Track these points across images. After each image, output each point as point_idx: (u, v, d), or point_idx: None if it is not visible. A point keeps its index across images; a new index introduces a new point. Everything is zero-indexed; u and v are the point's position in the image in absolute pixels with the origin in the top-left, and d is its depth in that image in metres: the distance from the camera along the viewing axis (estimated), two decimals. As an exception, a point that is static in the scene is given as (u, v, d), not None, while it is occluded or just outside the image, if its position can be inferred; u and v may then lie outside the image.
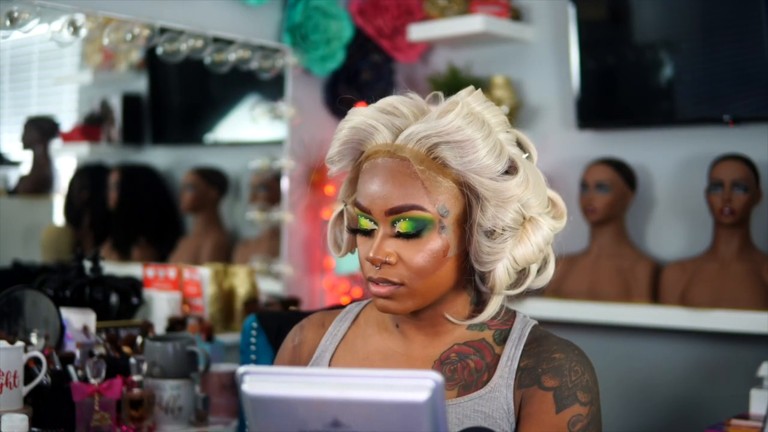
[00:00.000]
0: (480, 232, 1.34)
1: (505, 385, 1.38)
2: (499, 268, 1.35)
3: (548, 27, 3.05)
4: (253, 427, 1.03)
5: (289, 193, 3.05)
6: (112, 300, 2.42)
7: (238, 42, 2.87)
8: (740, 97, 2.68)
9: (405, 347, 1.43)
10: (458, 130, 1.30)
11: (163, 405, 2.12)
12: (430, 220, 1.32)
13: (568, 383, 1.37)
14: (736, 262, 2.60)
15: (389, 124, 1.36)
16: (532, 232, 1.37)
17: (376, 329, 1.47)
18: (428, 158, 1.32)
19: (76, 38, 2.52)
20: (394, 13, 3.18)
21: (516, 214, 1.35)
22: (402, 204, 1.32)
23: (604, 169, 2.77)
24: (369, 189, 1.34)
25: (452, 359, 1.41)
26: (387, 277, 1.34)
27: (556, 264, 1.47)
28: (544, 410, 1.36)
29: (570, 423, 1.35)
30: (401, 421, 0.97)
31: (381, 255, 1.33)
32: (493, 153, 1.32)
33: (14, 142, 2.94)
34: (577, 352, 1.41)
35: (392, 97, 1.39)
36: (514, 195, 1.33)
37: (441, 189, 1.33)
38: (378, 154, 1.35)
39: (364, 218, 1.36)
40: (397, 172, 1.33)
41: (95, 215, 3.14)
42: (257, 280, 2.93)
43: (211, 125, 3.39)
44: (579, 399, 1.37)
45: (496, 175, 1.33)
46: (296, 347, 1.53)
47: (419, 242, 1.33)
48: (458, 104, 1.33)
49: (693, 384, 2.74)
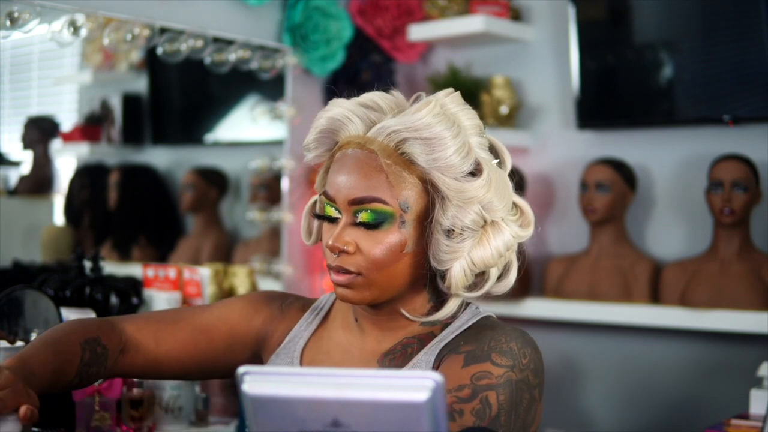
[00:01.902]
0: (439, 230, 1.35)
1: (425, 361, 1.38)
2: (456, 268, 1.36)
3: (548, 27, 3.06)
4: (253, 427, 1.03)
5: (289, 193, 3.05)
6: (112, 300, 2.42)
7: (238, 42, 2.87)
8: (740, 97, 2.68)
9: (361, 342, 1.45)
10: (427, 126, 1.33)
11: (163, 405, 2.12)
12: (390, 214, 1.35)
13: (484, 347, 1.32)
14: (736, 262, 2.60)
15: (365, 116, 1.39)
16: (492, 236, 1.37)
17: (340, 323, 1.50)
18: (396, 153, 1.35)
19: (76, 38, 2.52)
20: (394, 13, 3.18)
21: (476, 216, 1.35)
22: (364, 195, 1.35)
23: (604, 169, 2.77)
24: (336, 178, 1.38)
25: (396, 350, 1.42)
26: (344, 265, 1.36)
27: (519, 269, 1.45)
28: (449, 367, 1.31)
29: (474, 376, 1.28)
30: (401, 421, 0.97)
31: (339, 243, 1.35)
32: (460, 153, 1.34)
33: (14, 142, 2.94)
34: (515, 332, 1.34)
35: (374, 93, 1.42)
36: (476, 196, 1.34)
37: (405, 184, 1.35)
38: (349, 145, 1.38)
39: (329, 206, 1.39)
40: (364, 163, 1.35)
41: (95, 215, 3.14)
42: (257, 280, 2.93)
43: (211, 125, 3.39)
44: (492, 359, 1.29)
45: (460, 176, 1.35)
46: (282, 309, 1.56)
47: (378, 234, 1.35)
48: (431, 102, 1.35)
49: (693, 384, 2.74)
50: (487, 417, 1.26)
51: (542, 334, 2.84)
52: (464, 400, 1.27)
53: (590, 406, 2.93)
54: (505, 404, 1.27)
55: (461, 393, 1.27)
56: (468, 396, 1.27)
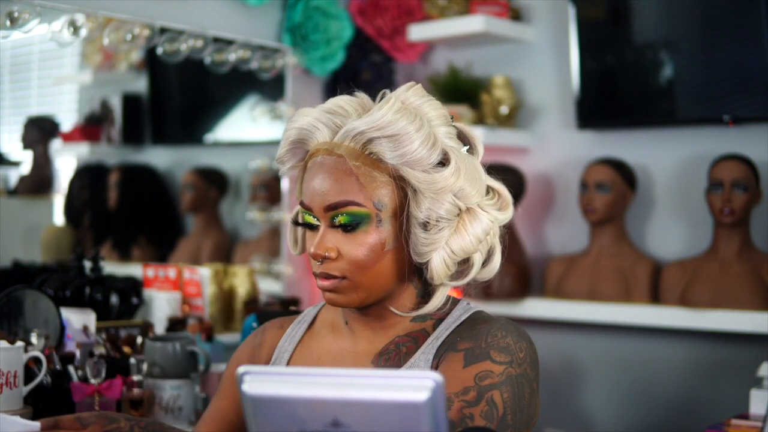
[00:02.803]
0: (415, 223, 1.36)
1: (424, 360, 1.38)
2: (435, 259, 1.36)
3: (548, 27, 3.06)
4: (253, 427, 1.03)
5: (289, 193, 3.05)
6: (112, 300, 2.42)
7: (238, 42, 2.87)
8: (740, 97, 2.68)
9: (353, 344, 1.46)
10: (390, 123, 1.34)
11: (163, 405, 2.12)
12: (366, 215, 1.36)
13: (481, 344, 1.34)
14: (736, 262, 2.60)
15: (330, 123, 1.40)
16: (469, 223, 1.38)
17: (330, 330, 1.50)
18: (363, 154, 1.36)
19: (76, 38, 2.52)
20: (394, 13, 3.18)
21: (450, 206, 1.36)
22: (338, 200, 1.36)
23: (604, 169, 2.77)
24: (309, 187, 1.39)
25: (390, 350, 1.43)
26: (328, 271, 1.38)
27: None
28: (450, 368, 1.33)
29: (477, 377, 1.30)
30: (401, 421, 0.97)
31: (321, 250, 1.37)
32: (425, 145, 1.35)
33: (14, 142, 2.94)
34: (508, 326, 1.37)
35: (339, 97, 1.43)
36: (446, 185, 1.35)
37: (376, 183, 1.36)
38: (318, 153, 1.39)
39: (307, 215, 1.41)
40: (334, 169, 1.37)
41: (95, 215, 3.14)
42: (257, 280, 2.94)
43: (211, 125, 3.39)
44: (491, 357, 1.32)
45: (429, 167, 1.36)
46: (255, 348, 1.55)
47: (357, 236, 1.36)
48: (392, 99, 1.37)
49: (693, 384, 2.74)
50: (495, 418, 1.28)
51: (542, 334, 2.85)
52: (472, 404, 1.28)
53: (590, 406, 2.93)
54: (509, 402, 1.29)
55: (468, 396, 1.29)
56: (475, 399, 1.28)
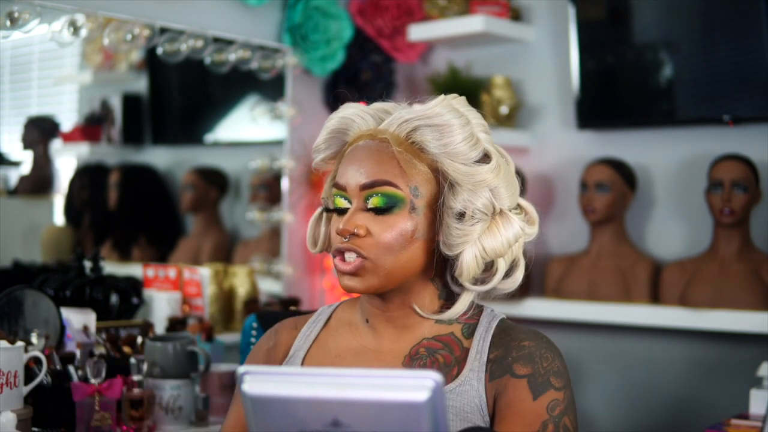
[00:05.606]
0: (450, 215, 1.38)
1: (476, 378, 1.39)
2: (467, 253, 1.38)
3: (548, 27, 3.06)
4: (253, 427, 1.03)
5: (289, 193, 3.05)
6: (112, 300, 2.42)
7: (238, 42, 2.87)
8: (740, 97, 2.68)
9: (375, 343, 1.45)
10: (437, 114, 1.38)
11: (163, 405, 2.12)
12: (401, 198, 1.37)
13: (540, 370, 1.38)
14: (736, 262, 2.60)
15: (376, 116, 1.44)
16: (502, 225, 1.40)
17: (348, 328, 1.49)
18: (406, 141, 1.39)
19: (76, 38, 2.52)
20: (394, 14, 3.18)
21: (487, 201, 1.39)
22: (376, 179, 1.37)
23: (604, 169, 2.77)
24: (347, 168, 1.40)
25: (421, 354, 1.42)
26: (353, 247, 1.37)
27: (527, 267, 1.49)
28: (520, 398, 1.37)
29: (549, 408, 1.36)
30: (401, 421, 0.97)
31: (350, 226, 1.37)
32: (468, 141, 1.38)
33: (14, 142, 2.94)
34: (545, 340, 1.43)
35: (385, 103, 1.47)
36: (486, 179, 1.38)
37: (416, 171, 1.38)
38: (360, 138, 1.42)
39: (339, 197, 1.40)
40: (376, 151, 1.39)
41: (95, 215, 3.14)
42: (257, 280, 2.93)
43: (211, 125, 3.39)
44: (553, 384, 1.37)
45: (469, 161, 1.39)
46: (270, 350, 1.55)
47: (389, 219, 1.37)
48: (441, 97, 1.41)
49: (693, 384, 2.74)
50: None
51: (542, 334, 2.85)
52: None
53: (590, 405, 2.93)
54: (574, 421, 1.38)
55: (548, 431, 1.35)
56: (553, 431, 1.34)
